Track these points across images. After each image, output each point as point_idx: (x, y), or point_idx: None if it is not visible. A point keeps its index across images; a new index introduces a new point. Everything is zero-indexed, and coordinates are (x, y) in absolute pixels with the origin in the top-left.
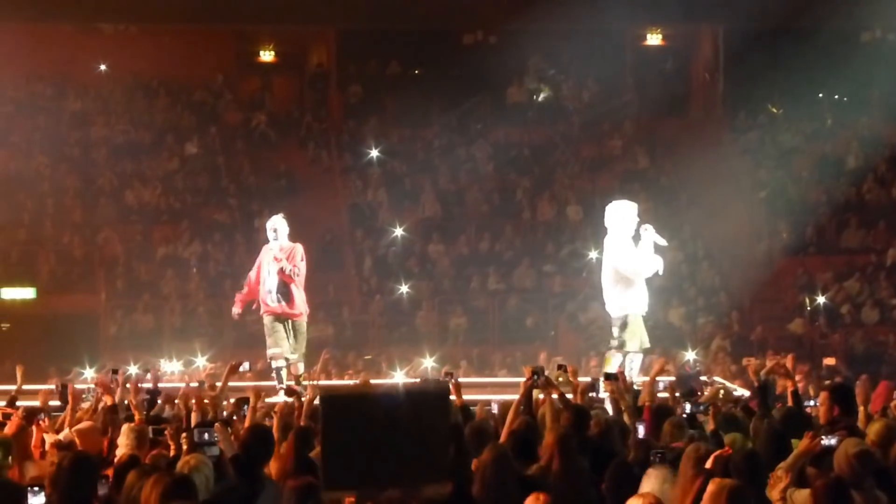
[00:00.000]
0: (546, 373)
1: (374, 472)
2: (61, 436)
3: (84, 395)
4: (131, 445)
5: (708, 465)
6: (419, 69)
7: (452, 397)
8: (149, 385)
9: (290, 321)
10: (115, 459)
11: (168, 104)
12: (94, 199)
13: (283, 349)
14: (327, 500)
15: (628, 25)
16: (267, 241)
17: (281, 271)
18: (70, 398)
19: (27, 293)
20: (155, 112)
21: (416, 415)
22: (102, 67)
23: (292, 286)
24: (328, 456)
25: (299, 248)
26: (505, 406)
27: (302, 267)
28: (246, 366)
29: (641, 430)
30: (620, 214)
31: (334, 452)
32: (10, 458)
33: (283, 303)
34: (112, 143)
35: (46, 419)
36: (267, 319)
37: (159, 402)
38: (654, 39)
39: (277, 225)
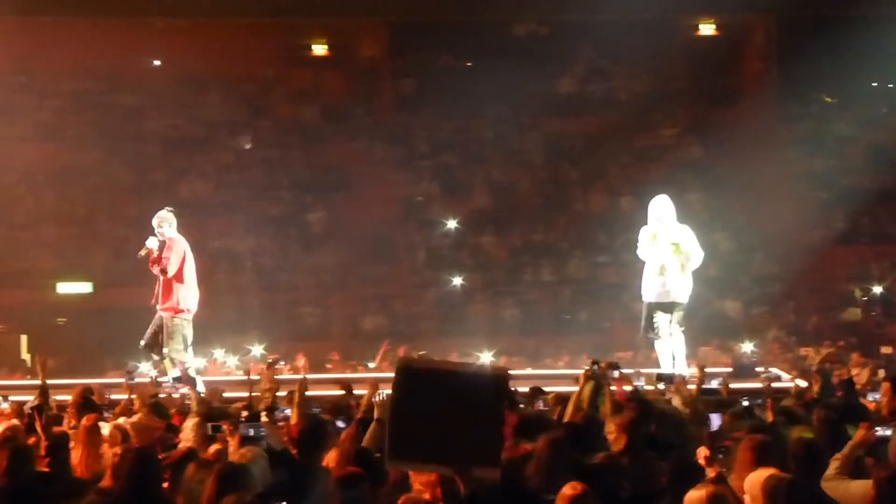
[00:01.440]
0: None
1: (432, 447)
2: (107, 431)
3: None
4: (195, 439)
5: None
6: (470, 61)
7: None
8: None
9: (165, 316)
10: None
11: (220, 98)
12: (148, 193)
13: (146, 343)
14: (391, 469)
15: (681, 14)
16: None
17: (153, 264)
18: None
19: (84, 287)
20: (207, 106)
21: (473, 396)
22: (154, 62)
23: (166, 281)
24: (395, 427)
25: (176, 243)
26: (559, 397)
27: (174, 261)
28: (281, 362)
29: (716, 422)
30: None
31: (401, 424)
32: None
33: (162, 298)
34: (165, 137)
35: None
36: (158, 315)
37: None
38: (706, 28)
39: (162, 219)
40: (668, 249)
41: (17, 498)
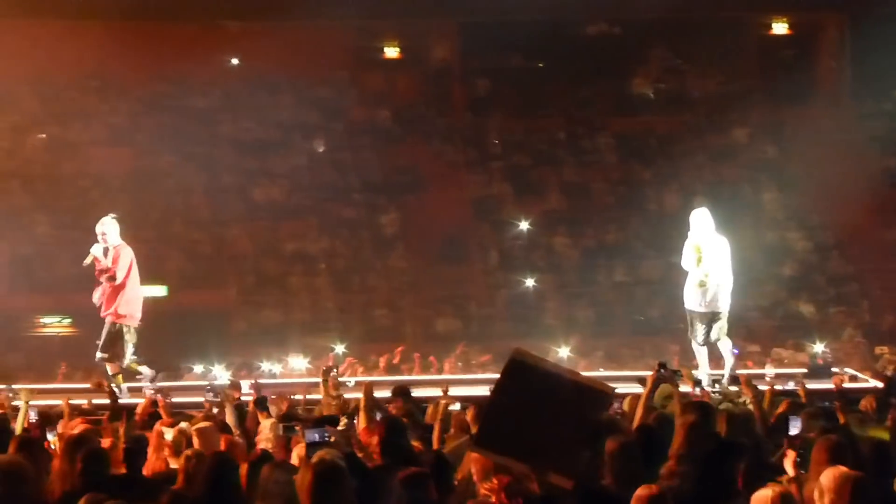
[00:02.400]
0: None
1: (520, 443)
2: (170, 436)
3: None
4: (273, 441)
5: None
6: (542, 61)
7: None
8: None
9: (109, 322)
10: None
11: (293, 101)
12: (222, 196)
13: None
14: (476, 453)
15: (753, 13)
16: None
17: (100, 273)
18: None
19: (158, 291)
20: (280, 109)
21: (573, 406)
22: (227, 65)
23: (111, 287)
24: (491, 414)
25: (121, 250)
26: (636, 400)
27: (122, 268)
28: (334, 371)
29: (797, 427)
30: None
31: (498, 413)
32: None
33: (103, 304)
34: (238, 140)
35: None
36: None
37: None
38: (779, 27)
39: (105, 227)
40: (711, 261)
41: None
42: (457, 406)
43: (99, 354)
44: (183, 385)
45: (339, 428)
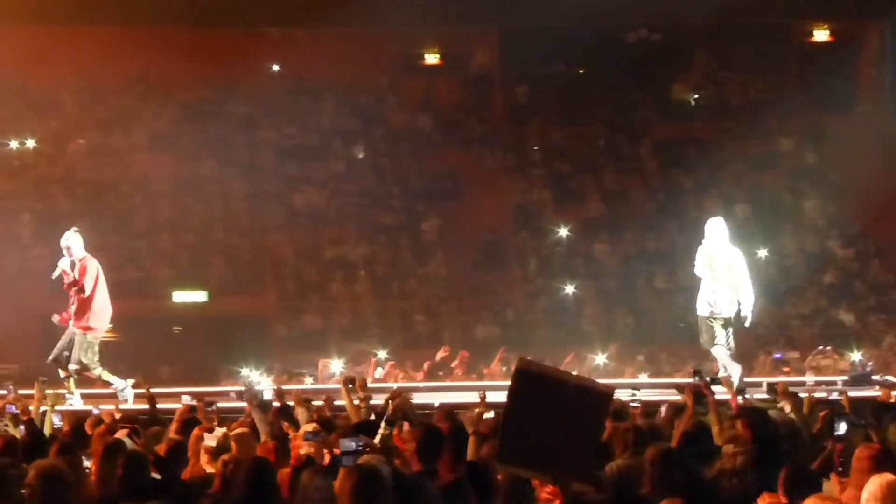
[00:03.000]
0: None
1: (538, 454)
2: (212, 440)
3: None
4: (313, 446)
5: None
6: (582, 68)
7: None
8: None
9: (77, 333)
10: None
11: (333, 107)
12: (263, 202)
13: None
14: (500, 471)
15: (794, 20)
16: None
17: (69, 286)
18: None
19: (199, 296)
20: (321, 115)
21: (578, 409)
22: (268, 71)
23: (79, 299)
24: (507, 428)
25: (87, 262)
26: (673, 407)
27: (87, 281)
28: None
29: (843, 428)
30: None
31: (512, 426)
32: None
33: (75, 316)
34: (279, 146)
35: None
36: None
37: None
38: (820, 34)
39: (69, 241)
40: (724, 270)
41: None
42: (491, 414)
43: (72, 367)
44: (222, 390)
45: (381, 432)
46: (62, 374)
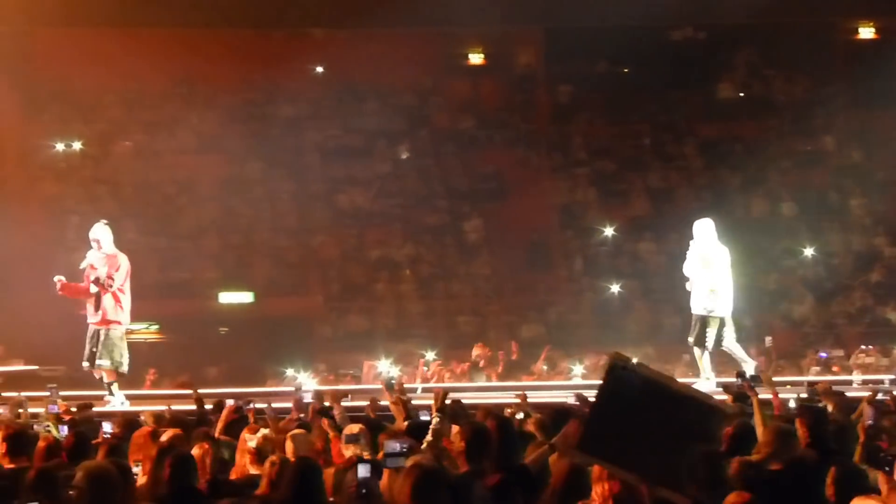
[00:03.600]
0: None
1: (627, 453)
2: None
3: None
4: (361, 447)
5: None
6: (627, 67)
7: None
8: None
9: (102, 330)
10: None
11: (378, 108)
12: (308, 203)
13: (89, 361)
14: (579, 459)
15: (839, 18)
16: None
17: (96, 281)
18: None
19: (245, 297)
20: (365, 116)
21: (687, 423)
22: (313, 72)
23: (105, 295)
24: (595, 420)
25: (119, 258)
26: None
27: (117, 276)
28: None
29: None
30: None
31: (602, 419)
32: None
33: (97, 312)
34: (324, 147)
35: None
36: (92, 330)
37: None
38: (865, 31)
39: (98, 234)
40: (718, 269)
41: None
42: (520, 415)
43: (104, 363)
44: (268, 391)
45: (433, 427)
46: (107, 378)
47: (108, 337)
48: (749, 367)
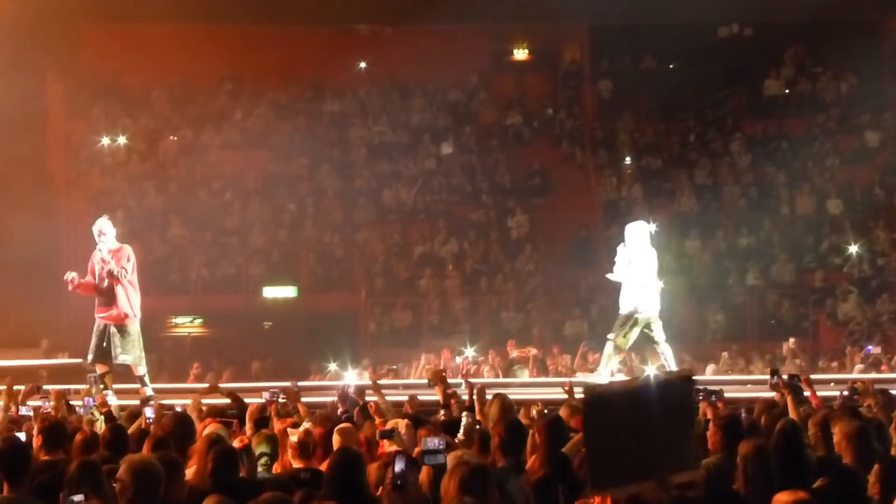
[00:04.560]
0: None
1: (631, 467)
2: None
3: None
4: (405, 441)
5: None
6: (673, 63)
7: None
8: None
9: (113, 325)
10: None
11: (424, 104)
12: (353, 199)
13: (94, 355)
14: (595, 496)
15: (887, 15)
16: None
17: (109, 273)
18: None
19: (289, 292)
20: (411, 112)
21: (662, 405)
22: (359, 69)
23: (118, 288)
24: (593, 456)
25: (126, 249)
26: (766, 404)
27: (129, 267)
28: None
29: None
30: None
31: (598, 452)
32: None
33: (110, 306)
34: (369, 143)
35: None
36: (101, 324)
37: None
38: None
39: (103, 227)
40: (647, 272)
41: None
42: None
43: (127, 358)
44: (311, 385)
45: (463, 424)
46: (138, 372)
47: (127, 332)
48: (606, 375)
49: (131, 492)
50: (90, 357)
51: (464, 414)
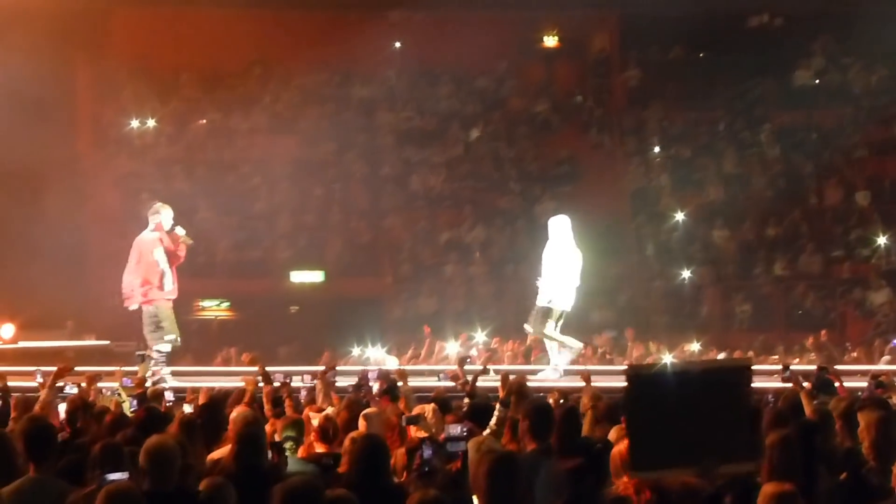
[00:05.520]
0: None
1: (676, 452)
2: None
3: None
4: (432, 426)
5: None
6: (703, 52)
7: None
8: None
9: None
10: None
11: (452, 91)
12: (380, 185)
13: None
14: (637, 478)
15: None
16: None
17: (175, 256)
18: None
19: (316, 276)
20: (439, 99)
21: (716, 393)
22: (387, 54)
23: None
24: (635, 437)
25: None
26: (789, 395)
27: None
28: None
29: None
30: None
31: (641, 433)
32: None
33: (174, 285)
34: (397, 129)
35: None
36: (165, 306)
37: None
38: None
39: (162, 212)
40: (566, 266)
41: (246, 482)
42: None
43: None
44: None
45: (497, 414)
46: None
47: (168, 312)
48: (553, 364)
49: (147, 473)
50: (178, 339)
51: (497, 406)
